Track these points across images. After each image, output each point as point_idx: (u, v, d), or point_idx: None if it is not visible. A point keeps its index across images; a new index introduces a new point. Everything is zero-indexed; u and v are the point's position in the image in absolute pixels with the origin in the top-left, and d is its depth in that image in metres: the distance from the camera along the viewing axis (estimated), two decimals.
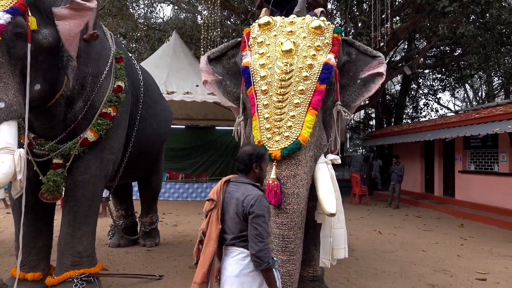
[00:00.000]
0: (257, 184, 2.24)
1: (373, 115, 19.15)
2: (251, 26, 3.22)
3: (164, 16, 15.63)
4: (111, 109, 3.54)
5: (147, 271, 4.30)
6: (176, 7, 14.43)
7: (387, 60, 15.46)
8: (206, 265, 2.20)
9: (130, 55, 4.13)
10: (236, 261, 2.14)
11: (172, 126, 5.63)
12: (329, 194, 2.68)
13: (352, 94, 3.20)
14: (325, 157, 2.93)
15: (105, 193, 5.40)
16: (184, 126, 13.49)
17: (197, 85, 9.69)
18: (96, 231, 3.70)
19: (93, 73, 3.46)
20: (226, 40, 14.18)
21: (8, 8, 2.71)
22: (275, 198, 2.58)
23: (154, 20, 14.95)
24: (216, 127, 13.63)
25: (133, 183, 6.06)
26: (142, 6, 14.42)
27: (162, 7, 18.42)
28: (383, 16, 8.93)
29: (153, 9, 14.78)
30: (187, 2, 13.53)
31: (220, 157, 13.07)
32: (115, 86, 3.62)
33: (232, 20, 13.99)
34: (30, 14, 2.85)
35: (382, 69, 3.14)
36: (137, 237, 5.52)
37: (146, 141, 4.30)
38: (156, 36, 13.58)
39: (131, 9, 13.45)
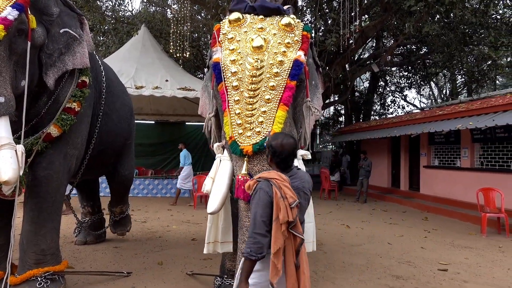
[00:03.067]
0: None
1: (343, 112, 19.53)
2: (221, 22, 3.20)
3: (132, 9, 15.34)
4: (75, 104, 3.45)
5: (115, 268, 4.23)
6: (145, 0, 14.17)
7: (356, 58, 15.78)
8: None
9: (94, 48, 4.08)
10: None
11: (141, 121, 5.53)
12: None
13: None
14: None
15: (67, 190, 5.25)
16: (153, 122, 13.29)
17: (166, 80, 9.57)
18: (60, 228, 3.60)
19: None
20: (196, 35, 14.07)
21: (14, 3, 2.76)
22: (244, 193, 2.59)
23: (123, 13, 14.61)
24: (186, 123, 13.50)
25: (100, 180, 5.92)
26: None
27: (130, 0, 18.03)
28: (352, 14, 9.09)
29: (121, 1, 14.46)
30: None
31: (191, 153, 12.98)
32: (79, 81, 3.54)
33: (202, 14, 13.85)
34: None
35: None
36: (104, 230, 5.41)
37: (108, 136, 4.23)
38: (124, 30, 13.27)
39: (98, 1, 13.09)
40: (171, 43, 9.51)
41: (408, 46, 15.59)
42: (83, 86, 3.56)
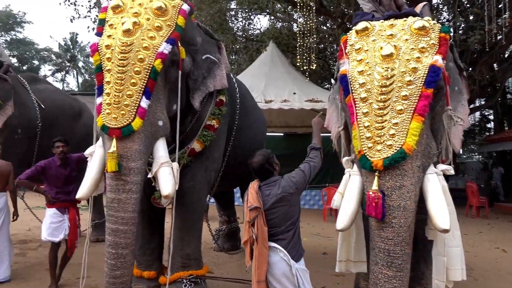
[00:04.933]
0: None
1: (491, 117, 17.17)
2: (348, 33, 3.14)
3: (261, 27, 16.15)
4: (214, 121, 3.79)
5: (250, 277, 4.41)
6: (272, 17, 14.79)
7: (507, 55, 13.79)
8: (264, 265, 2.60)
9: (230, 69, 4.41)
10: (281, 260, 2.62)
11: (270, 134, 5.75)
12: (441, 208, 2.46)
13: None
14: (435, 167, 2.71)
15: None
16: (282, 134, 13.66)
17: (294, 93, 9.76)
18: (201, 235, 3.94)
19: None
20: (322, 46, 14.10)
21: (167, 38, 3.12)
22: (375, 210, 2.46)
23: (252, 32, 15.50)
24: None
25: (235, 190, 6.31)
26: (241, 19, 15.09)
27: (259, 19, 19.09)
28: (499, 6, 7.99)
29: (250, 21, 15.37)
30: (283, 12, 13.76)
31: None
32: (217, 100, 3.86)
33: (328, 25, 13.84)
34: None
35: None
36: (239, 238, 5.73)
37: (242, 150, 4.48)
38: (254, 47, 14.05)
39: (230, 23, 14.17)
40: (298, 56, 9.70)
41: None
42: (221, 105, 3.89)
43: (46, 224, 4.25)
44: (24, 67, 25.64)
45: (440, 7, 11.87)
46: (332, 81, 16.46)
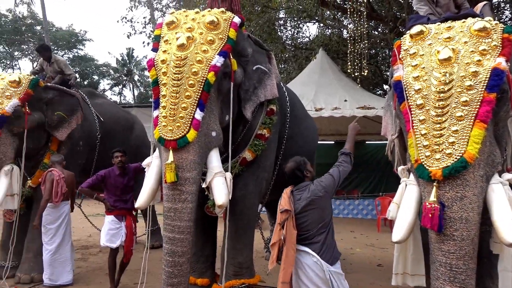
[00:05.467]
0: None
1: None
2: (401, 38, 3.04)
3: (310, 35, 16.06)
4: (265, 130, 3.82)
5: None
6: (321, 25, 14.69)
7: None
8: (290, 267, 2.69)
9: (280, 79, 4.43)
10: (314, 264, 2.70)
11: (320, 142, 5.69)
12: (507, 220, 2.30)
13: None
14: (500, 176, 2.54)
15: None
16: (333, 142, 13.46)
17: (345, 100, 9.61)
18: (253, 243, 3.96)
19: None
20: (373, 51, 13.77)
21: (220, 50, 3.21)
22: (431, 222, 2.35)
23: (301, 40, 15.48)
24: (366, 141, 13.20)
25: None
26: (289, 28, 15.12)
27: (308, 27, 19.00)
28: None
29: (299, 29, 15.35)
30: (332, 18, 13.62)
31: (372, 173, 12.57)
32: (268, 109, 3.89)
33: (379, 29, 13.51)
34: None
35: None
36: None
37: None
38: (303, 55, 14.01)
39: (279, 32, 14.25)
40: (349, 63, 9.54)
41: None
42: (272, 114, 3.91)
43: (105, 230, 4.49)
44: (85, 82, 27.34)
45: (502, 6, 11.19)
46: (385, 87, 16.06)
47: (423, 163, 2.50)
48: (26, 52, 26.39)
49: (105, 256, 5.38)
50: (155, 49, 3.32)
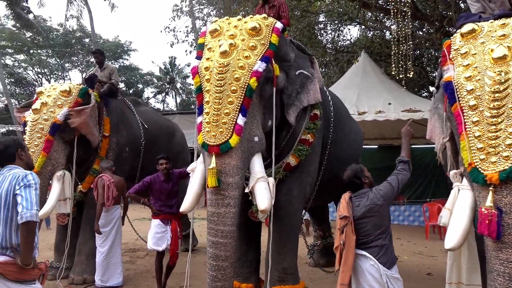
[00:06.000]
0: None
1: None
2: (451, 37, 2.92)
3: (351, 38, 15.79)
4: (309, 135, 3.79)
5: None
6: (363, 27, 14.43)
7: None
8: (349, 270, 2.83)
9: (323, 83, 4.39)
10: (371, 267, 2.83)
11: (363, 146, 5.57)
12: None
13: None
14: None
15: None
16: (376, 146, 13.12)
17: (389, 103, 9.35)
18: (297, 249, 3.92)
19: None
20: (418, 52, 13.32)
21: (262, 56, 3.23)
22: (488, 229, 2.23)
23: (342, 43, 15.27)
24: (413, 145, 12.74)
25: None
26: (329, 31, 14.97)
27: (349, 29, 18.74)
28: None
29: (340, 32, 15.16)
30: (374, 20, 13.34)
31: (419, 178, 12.08)
32: (311, 114, 3.86)
33: (424, 30, 13.07)
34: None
35: None
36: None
37: (337, 163, 4.40)
38: (344, 59, 13.82)
39: (319, 36, 14.13)
40: (393, 65, 9.29)
41: None
42: (315, 119, 3.88)
43: (151, 234, 4.63)
44: (130, 91, 28.43)
45: None
46: (431, 89, 15.46)
47: (477, 166, 2.38)
48: (76, 64, 27.91)
49: (152, 259, 5.54)
50: (199, 57, 3.40)
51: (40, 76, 27.56)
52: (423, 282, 4.81)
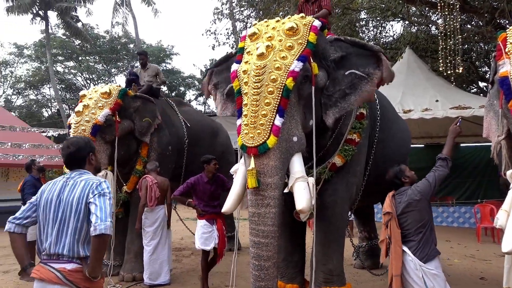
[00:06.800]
0: None
1: None
2: (507, 30, 2.77)
3: (394, 34, 15.35)
4: (355, 135, 3.73)
5: None
6: (407, 22, 13.98)
7: None
8: (399, 261, 2.99)
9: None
10: (410, 260, 2.99)
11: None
12: None
13: None
14: None
15: None
16: (423, 145, 12.67)
17: (436, 100, 9.01)
18: (343, 250, 3.87)
19: None
20: (466, 46, 12.73)
21: (299, 56, 3.20)
22: None
23: (384, 40, 14.87)
24: (461, 144, 12.18)
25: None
26: (371, 28, 14.63)
27: (392, 25, 18.18)
28: None
29: (382, 29, 14.77)
30: (419, 15, 12.89)
31: (469, 178, 11.55)
32: (358, 113, 3.79)
33: (473, 23, 12.47)
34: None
35: None
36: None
37: (383, 163, 4.28)
38: (388, 55, 13.42)
39: (361, 33, 13.85)
40: (440, 60, 8.94)
41: None
42: (362, 118, 3.81)
43: (198, 234, 4.72)
44: (173, 94, 29.17)
45: None
46: (481, 84, 14.73)
47: None
48: (122, 69, 29.03)
49: (197, 258, 5.67)
50: (238, 61, 3.42)
51: (89, 81, 28.88)
52: (476, 287, 4.59)
